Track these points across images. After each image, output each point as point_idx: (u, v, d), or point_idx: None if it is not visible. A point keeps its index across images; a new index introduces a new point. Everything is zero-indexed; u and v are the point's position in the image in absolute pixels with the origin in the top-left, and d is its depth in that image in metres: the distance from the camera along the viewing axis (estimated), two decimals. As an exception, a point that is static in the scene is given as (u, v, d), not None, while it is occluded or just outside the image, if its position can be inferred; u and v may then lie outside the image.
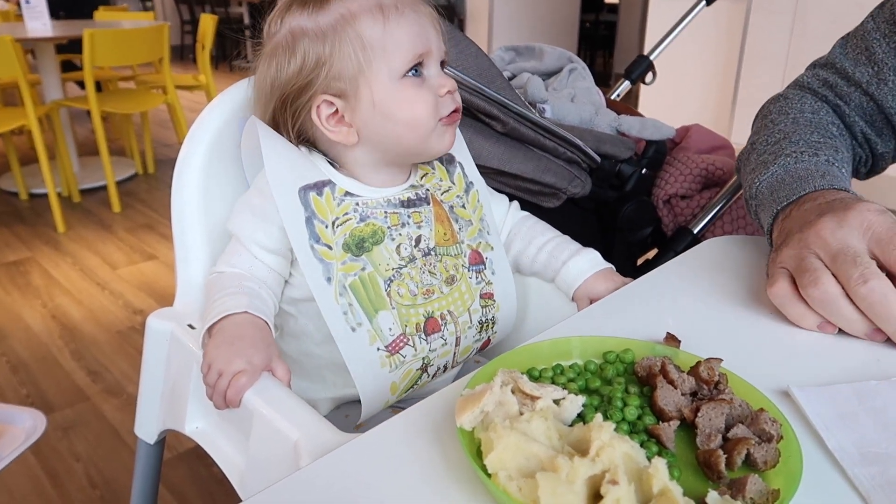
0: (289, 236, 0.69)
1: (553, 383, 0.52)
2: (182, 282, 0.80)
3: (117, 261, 2.53)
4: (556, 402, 0.47)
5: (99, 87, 3.66)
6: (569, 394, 0.47)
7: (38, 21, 3.13)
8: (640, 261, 1.28)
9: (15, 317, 2.12)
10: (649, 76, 1.62)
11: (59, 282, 2.36)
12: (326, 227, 0.70)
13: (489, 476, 0.40)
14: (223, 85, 0.95)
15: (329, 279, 0.69)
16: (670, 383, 0.50)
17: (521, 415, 0.44)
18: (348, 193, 0.72)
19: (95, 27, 2.92)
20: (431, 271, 0.74)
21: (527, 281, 0.91)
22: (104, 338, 1.98)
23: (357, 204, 0.72)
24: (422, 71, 0.70)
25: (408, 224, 0.74)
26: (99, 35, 2.70)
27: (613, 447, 0.40)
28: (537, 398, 0.46)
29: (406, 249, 0.73)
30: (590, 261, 0.84)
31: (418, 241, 0.74)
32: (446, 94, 0.71)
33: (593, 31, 7.33)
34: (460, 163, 0.82)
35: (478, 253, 0.79)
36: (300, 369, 0.79)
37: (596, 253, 0.85)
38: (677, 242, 1.18)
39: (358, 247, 0.71)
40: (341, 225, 0.71)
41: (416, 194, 0.76)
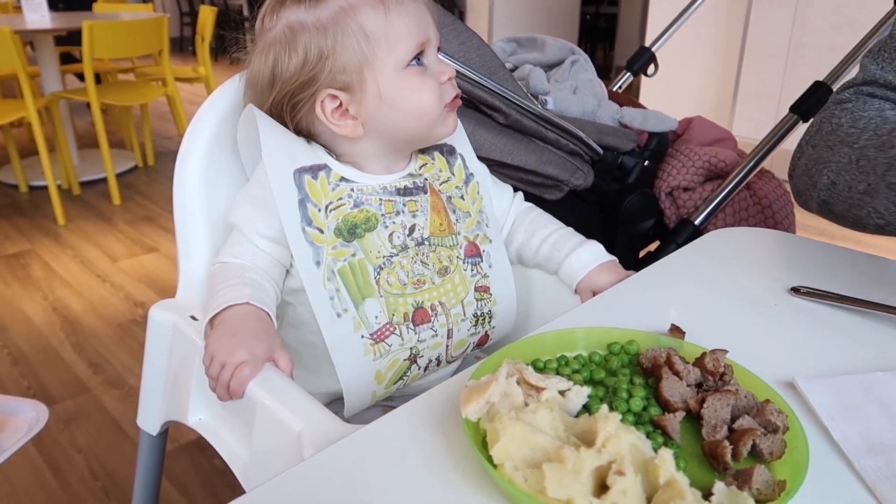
0: (280, 217, 0.68)
1: (558, 374, 0.52)
2: (184, 273, 0.80)
3: (118, 253, 2.53)
4: (561, 393, 0.47)
5: (98, 79, 3.64)
6: (574, 385, 0.47)
7: (37, 13, 3.11)
8: (642, 253, 1.28)
9: (15, 309, 2.11)
10: (651, 68, 1.62)
11: (59, 274, 2.36)
12: (319, 210, 0.70)
13: (495, 467, 0.40)
14: (223, 77, 0.94)
15: (318, 263, 0.69)
16: (676, 374, 0.50)
17: (527, 406, 0.44)
18: (344, 179, 0.72)
19: (95, 19, 2.91)
20: (423, 261, 0.74)
21: (531, 272, 0.91)
22: (105, 330, 1.98)
23: (352, 189, 0.72)
24: (423, 59, 0.70)
25: (402, 212, 0.74)
26: (98, 27, 2.69)
27: (620, 438, 0.40)
28: (542, 389, 0.46)
29: (399, 238, 0.73)
30: (593, 253, 0.84)
31: (412, 230, 0.74)
32: (447, 80, 0.71)
33: (594, 24, 7.29)
34: (461, 154, 0.82)
35: (475, 245, 0.79)
36: (298, 360, 0.78)
37: (599, 245, 0.85)
38: (679, 235, 1.18)
39: (350, 232, 0.71)
40: (335, 209, 0.71)
41: (414, 183, 0.76)
